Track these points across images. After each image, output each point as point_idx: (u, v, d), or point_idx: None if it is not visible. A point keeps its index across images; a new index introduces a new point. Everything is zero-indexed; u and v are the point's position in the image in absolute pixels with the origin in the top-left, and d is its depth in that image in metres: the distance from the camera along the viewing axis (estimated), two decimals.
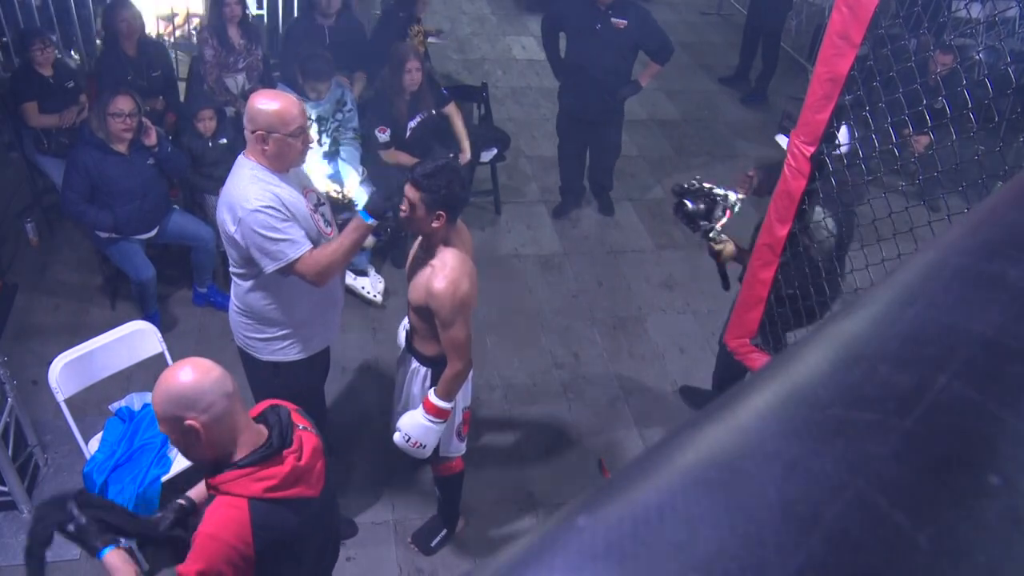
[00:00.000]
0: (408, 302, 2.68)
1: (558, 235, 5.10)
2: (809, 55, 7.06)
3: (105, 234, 3.85)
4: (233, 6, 4.60)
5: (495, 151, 5.02)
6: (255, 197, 2.42)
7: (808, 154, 2.41)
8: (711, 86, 7.14)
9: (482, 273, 2.76)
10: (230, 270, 2.66)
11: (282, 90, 3.81)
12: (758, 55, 6.86)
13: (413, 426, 2.68)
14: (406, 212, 2.49)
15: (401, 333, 2.93)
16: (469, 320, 2.58)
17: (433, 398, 2.66)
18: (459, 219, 2.61)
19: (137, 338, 3.11)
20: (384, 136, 4.25)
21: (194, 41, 5.24)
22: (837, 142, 2.49)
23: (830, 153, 2.44)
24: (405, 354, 2.86)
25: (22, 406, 3.25)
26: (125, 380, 3.36)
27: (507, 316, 4.41)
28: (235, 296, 2.71)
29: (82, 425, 2.98)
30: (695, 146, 6.23)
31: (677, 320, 4.49)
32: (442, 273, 2.48)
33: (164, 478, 2.91)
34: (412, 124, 4.32)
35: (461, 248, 2.59)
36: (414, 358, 2.79)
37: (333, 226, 2.74)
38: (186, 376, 1.71)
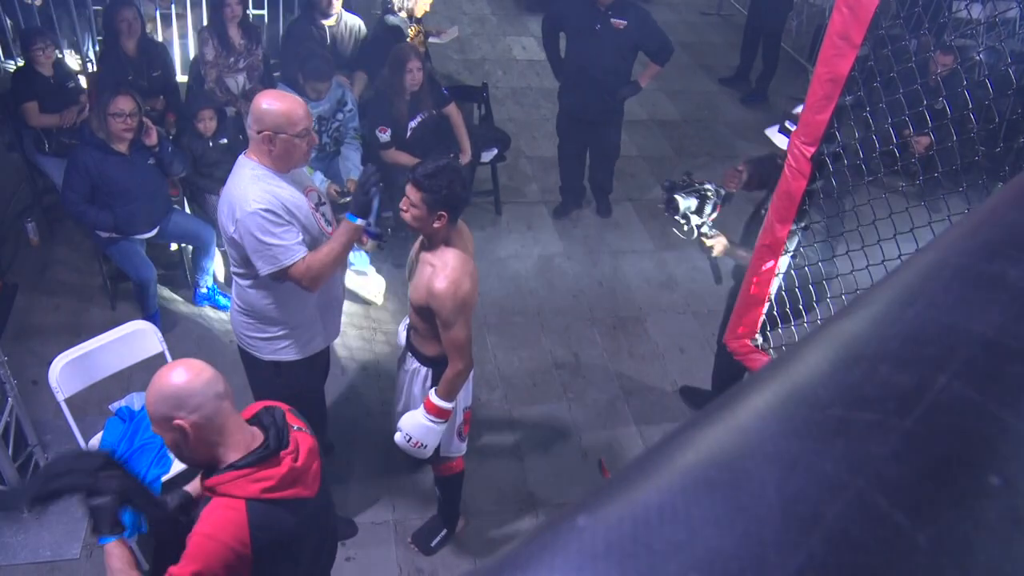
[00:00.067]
0: (409, 302, 2.68)
1: (558, 235, 5.10)
2: (809, 56, 7.06)
3: (105, 234, 3.85)
4: (234, 6, 4.60)
5: (495, 151, 5.02)
6: (254, 199, 2.42)
7: (808, 154, 2.41)
8: (711, 86, 7.14)
9: (483, 273, 2.76)
10: (231, 270, 2.67)
11: (283, 90, 3.81)
12: (758, 55, 6.86)
13: (414, 426, 2.68)
14: (407, 212, 2.49)
15: (402, 333, 2.93)
16: (470, 320, 2.58)
17: (434, 398, 2.66)
18: (460, 219, 2.61)
19: (137, 338, 3.11)
20: (385, 136, 4.25)
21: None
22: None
23: (830, 153, 2.45)
24: (406, 354, 2.86)
25: (22, 406, 3.25)
26: (125, 380, 3.36)
27: (507, 316, 4.41)
28: (236, 296, 2.72)
29: (82, 425, 2.98)
30: (695, 146, 6.23)
31: (677, 320, 4.49)
32: (443, 273, 2.48)
33: (164, 478, 2.91)
34: (413, 124, 4.32)
35: (462, 248, 2.59)
36: (415, 358, 2.79)
37: (334, 224, 2.74)
38: (176, 376, 1.72)
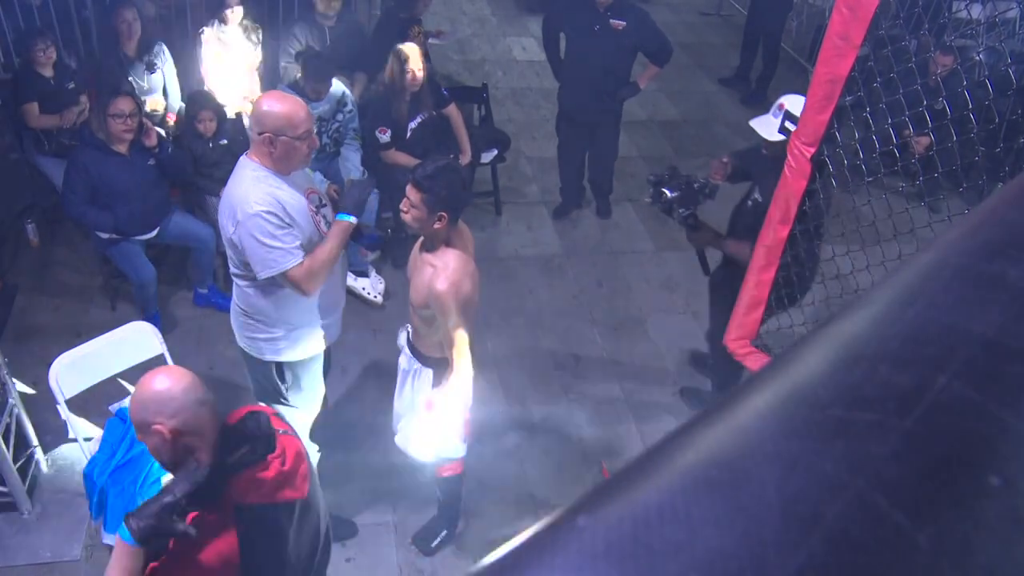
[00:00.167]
0: (410, 303, 2.68)
1: (558, 236, 5.10)
2: (810, 56, 7.06)
3: (106, 235, 3.85)
4: (234, 7, 4.60)
5: (495, 152, 5.02)
6: (256, 200, 2.42)
7: (808, 155, 2.41)
8: (711, 87, 7.14)
9: (483, 274, 2.76)
10: (231, 271, 2.66)
11: (282, 91, 3.81)
12: (758, 56, 6.86)
13: (415, 428, 2.68)
14: (407, 212, 2.50)
15: (402, 334, 2.93)
16: (471, 321, 2.58)
17: (435, 399, 2.66)
18: (460, 220, 2.61)
19: (137, 339, 3.12)
20: (385, 137, 4.26)
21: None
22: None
23: (830, 154, 2.45)
24: (406, 355, 2.86)
25: (23, 407, 3.25)
26: (125, 381, 3.35)
27: (507, 317, 4.41)
28: (237, 297, 2.72)
29: (82, 426, 2.98)
30: (695, 147, 6.23)
31: (677, 321, 4.48)
32: (444, 274, 2.48)
33: (164, 479, 2.91)
34: (413, 125, 4.32)
35: (463, 249, 2.59)
36: (415, 359, 2.79)
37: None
38: (157, 383, 1.72)
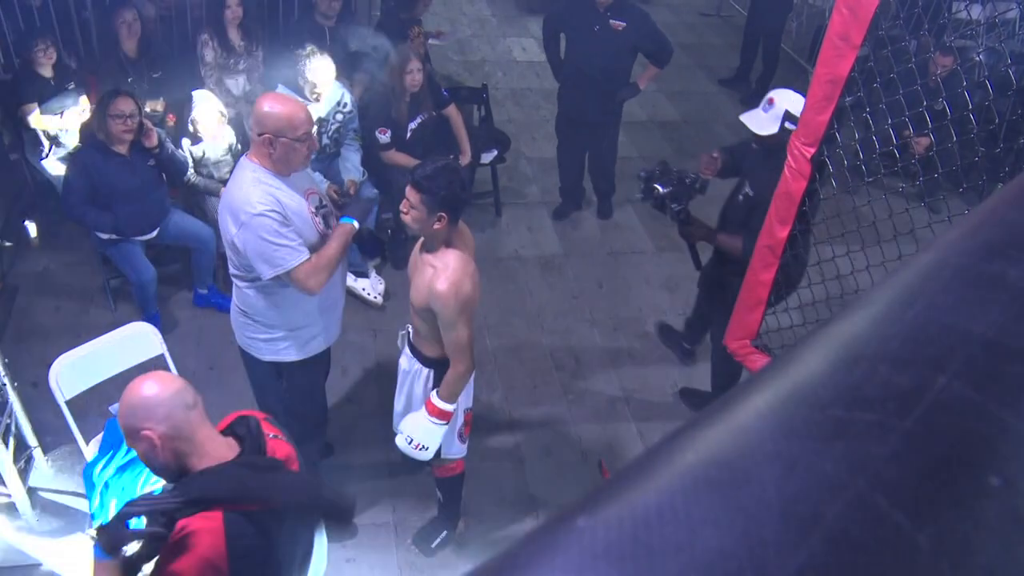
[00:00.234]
0: (410, 303, 2.68)
1: (558, 236, 5.10)
2: (809, 57, 7.05)
3: (106, 235, 3.85)
4: (234, 8, 4.60)
5: (495, 153, 5.02)
6: (259, 201, 2.42)
7: (808, 155, 2.41)
8: (711, 87, 7.14)
9: (483, 274, 2.76)
10: (231, 272, 2.66)
11: (282, 92, 3.81)
12: (758, 57, 6.86)
13: (415, 428, 2.68)
14: (406, 213, 2.49)
15: (402, 334, 2.93)
16: (471, 321, 2.58)
17: (436, 400, 2.65)
18: (460, 220, 2.61)
19: (138, 339, 3.11)
20: (384, 137, 4.26)
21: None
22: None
23: (830, 154, 2.45)
24: (407, 355, 2.86)
25: (23, 407, 3.25)
26: (125, 382, 3.35)
27: (507, 317, 4.41)
28: (236, 297, 2.71)
29: (83, 426, 2.98)
30: (695, 148, 6.21)
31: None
32: (444, 274, 2.48)
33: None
34: (412, 125, 4.32)
35: (463, 249, 2.59)
36: (416, 359, 2.79)
37: (335, 226, 2.73)
38: (145, 388, 1.73)
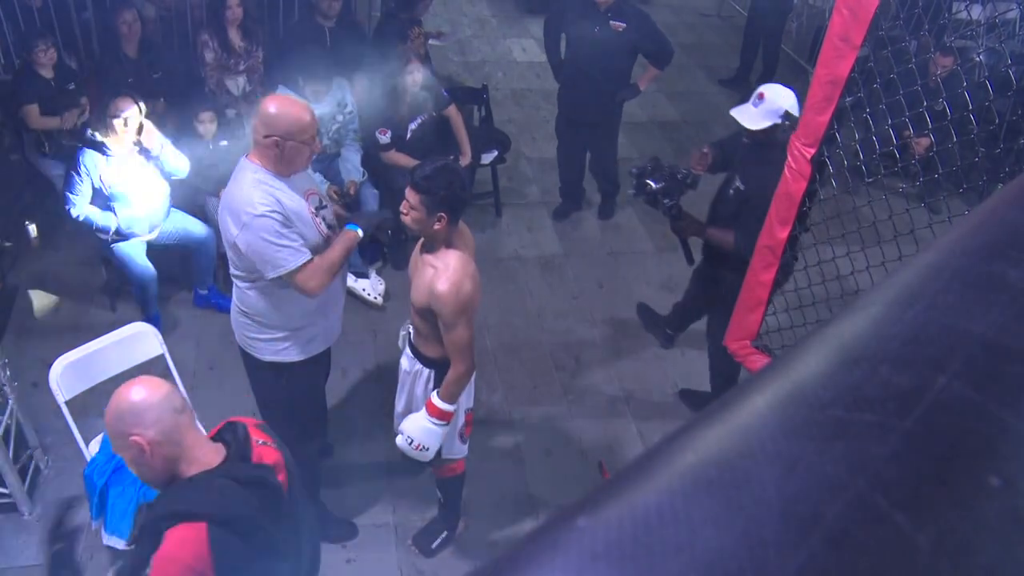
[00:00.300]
0: (411, 304, 2.68)
1: (558, 237, 5.10)
2: (810, 57, 7.06)
3: (106, 235, 3.85)
4: (234, 8, 4.60)
5: (495, 153, 5.02)
6: (260, 202, 2.42)
7: (808, 156, 2.41)
8: (711, 88, 7.14)
9: (483, 275, 2.76)
10: (231, 272, 2.66)
11: (282, 92, 3.82)
12: (758, 57, 6.86)
13: (416, 429, 2.68)
14: (406, 214, 2.49)
15: (403, 335, 2.93)
16: (472, 322, 2.58)
17: (436, 400, 2.65)
18: (461, 221, 2.61)
19: (138, 340, 3.11)
20: (385, 138, 4.26)
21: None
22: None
23: (830, 155, 2.45)
24: (407, 356, 2.86)
25: (23, 408, 3.25)
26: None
27: (508, 318, 4.41)
28: (236, 297, 2.71)
29: (83, 427, 2.98)
30: (695, 148, 6.22)
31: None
32: (445, 275, 2.48)
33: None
34: (413, 126, 4.32)
35: (463, 250, 2.59)
36: (416, 360, 2.79)
37: (336, 227, 2.73)
38: (133, 393, 1.71)
